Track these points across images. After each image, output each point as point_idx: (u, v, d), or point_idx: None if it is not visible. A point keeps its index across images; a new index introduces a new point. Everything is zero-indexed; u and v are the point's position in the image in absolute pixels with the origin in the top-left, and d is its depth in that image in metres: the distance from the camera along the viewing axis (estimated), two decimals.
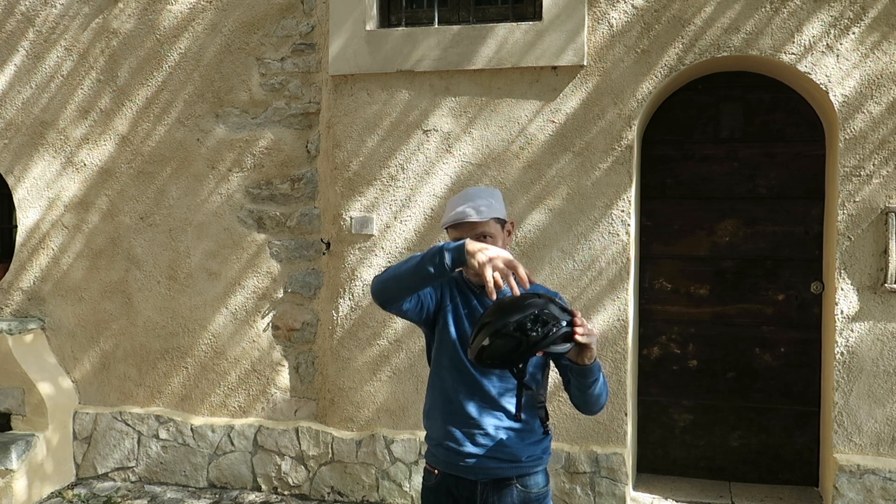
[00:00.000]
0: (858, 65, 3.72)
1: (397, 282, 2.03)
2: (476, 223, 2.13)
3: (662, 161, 4.30)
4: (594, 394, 2.07)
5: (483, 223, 2.14)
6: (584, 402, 2.11)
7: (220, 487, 4.48)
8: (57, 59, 4.66)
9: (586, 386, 2.05)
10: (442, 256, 1.91)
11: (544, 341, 1.88)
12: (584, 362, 1.97)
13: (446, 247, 1.93)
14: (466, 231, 2.12)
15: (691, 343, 4.33)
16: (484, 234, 2.13)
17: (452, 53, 4.04)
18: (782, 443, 4.24)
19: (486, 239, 2.11)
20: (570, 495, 4.00)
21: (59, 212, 4.71)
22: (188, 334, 4.56)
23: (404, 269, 2.01)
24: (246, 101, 4.44)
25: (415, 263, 1.97)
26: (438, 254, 1.92)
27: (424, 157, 4.15)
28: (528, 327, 1.86)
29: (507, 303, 1.94)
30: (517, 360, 1.93)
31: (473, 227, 2.13)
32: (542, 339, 1.87)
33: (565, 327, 1.89)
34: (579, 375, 2.03)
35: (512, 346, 1.88)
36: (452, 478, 2.14)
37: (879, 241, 3.74)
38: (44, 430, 4.46)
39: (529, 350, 1.89)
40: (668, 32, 3.88)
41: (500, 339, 1.89)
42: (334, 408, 4.34)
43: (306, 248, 4.42)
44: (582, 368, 1.99)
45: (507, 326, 1.88)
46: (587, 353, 1.94)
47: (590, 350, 1.94)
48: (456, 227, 2.16)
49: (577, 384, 2.07)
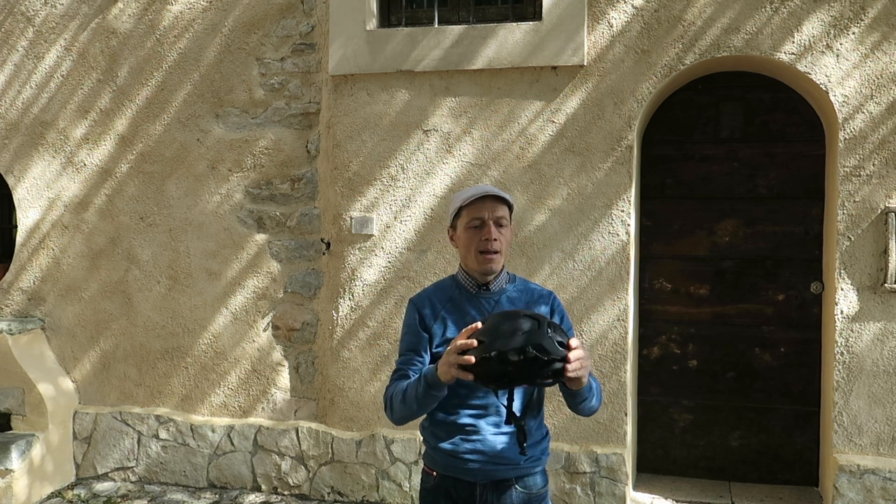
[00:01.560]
0: (858, 65, 3.72)
1: (412, 417, 2.08)
2: (499, 200, 2.12)
3: (662, 161, 4.30)
4: (586, 406, 2.09)
5: (503, 205, 2.13)
6: (578, 410, 2.12)
7: (220, 487, 4.49)
8: (57, 59, 4.66)
9: (577, 402, 2.06)
10: (430, 393, 1.97)
11: (529, 378, 1.80)
12: (573, 388, 1.94)
13: (424, 384, 1.97)
14: (488, 209, 2.10)
15: (691, 343, 4.33)
16: (501, 220, 2.12)
17: (452, 53, 4.04)
18: (782, 443, 4.24)
19: (501, 227, 2.11)
20: (570, 495, 4.00)
21: (59, 212, 4.71)
22: (188, 334, 4.56)
23: (410, 410, 2.05)
24: (246, 101, 4.44)
25: (412, 404, 2.02)
26: (425, 394, 1.98)
27: (424, 158, 4.15)
28: (513, 360, 1.75)
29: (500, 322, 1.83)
30: (503, 387, 1.85)
31: (495, 206, 2.11)
32: (527, 375, 1.79)
33: (556, 364, 1.79)
34: (569, 396, 2.04)
35: (496, 374, 1.79)
36: (451, 479, 2.14)
37: (879, 241, 3.74)
38: (44, 430, 4.46)
39: (512, 383, 1.83)
40: (668, 32, 3.88)
41: (485, 364, 1.78)
42: (334, 408, 4.34)
43: (306, 248, 4.42)
44: (571, 392, 2.00)
45: (495, 355, 1.77)
46: (576, 383, 1.90)
47: (579, 381, 1.89)
48: (477, 203, 2.11)
49: (568, 400, 2.08)
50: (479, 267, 2.13)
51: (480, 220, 2.10)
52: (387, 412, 2.12)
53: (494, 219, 2.10)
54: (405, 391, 2.04)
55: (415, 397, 2.00)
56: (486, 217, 2.10)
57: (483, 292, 2.17)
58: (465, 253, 2.16)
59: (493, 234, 2.09)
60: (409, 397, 2.02)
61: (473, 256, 2.12)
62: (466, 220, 2.12)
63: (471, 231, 2.12)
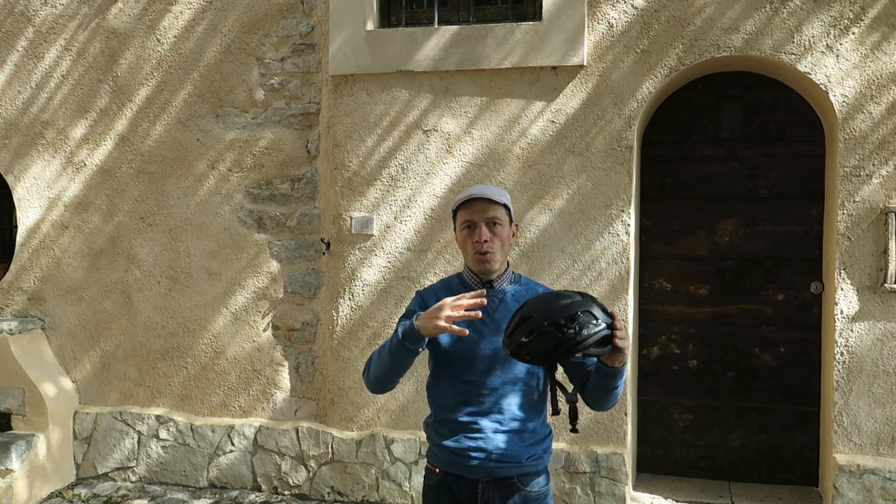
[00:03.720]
0: (858, 65, 3.72)
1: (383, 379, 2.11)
2: (490, 202, 2.14)
3: (662, 161, 4.30)
4: (616, 394, 2.08)
5: (496, 205, 2.16)
6: (602, 401, 2.10)
7: (220, 487, 4.49)
8: (56, 59, 4.66)
9: (612, 387, 2.05)
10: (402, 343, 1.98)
11: (583, 343, 1.85)
12: (615, 365, 1.97)
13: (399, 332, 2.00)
14: (478, 211, 2.14)
15: (691, 343, 4.33)
16: (494, 220, 2.14)
17: (452, 53, 4.04)
18: (782, 443, 4.24)
19: (495, 226, 2.14)
20: (570, 495, 4.00)
21: (59, 212, 4.71)
22: (188, 334, 4.56)
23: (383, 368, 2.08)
24: (246, 101, 4.44)
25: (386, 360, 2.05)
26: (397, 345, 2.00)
27: (425, 158, 4.15)
28: (568, 327, 1.83)
29: (548, 299, 1.91)
30: (556, 359, 1.90)
31: (486, 207, 2.14)
32: (582, 341, 1.84)
33: (605, 330, 1.87)
34: (607, 377, 2.02)
35: (551, 346, 1.85)
36: (454, 476, 2.15)
37: (879, 241, 3.74)
38: (44, 430, 4.46)
39: (569, 351, 1.86)
40: (667, 32, 3.88)
41: (540, 337, 1.85)
42: (334, 408, 4.34)
43: (306, 248, 4.42)
44: (611, 370, 2.00)
45: (547, 325, 1.84)
46: (620, 357, 1.95)
47: (623, 354, 1.94)
48: (468, 205, 2.16)
49: (602, 384, 2.05)
50: (476, 267, 2.18)
51: (471, 223, 2.15)
52: (364, 376, 2.18)
53: (486, 220, 2.14)
54: (382, 348, 2.09)
55: (388, 350, 2.04)
56: (477, 219, 2.14)
57: (488, 290, 2.18)
58: (464, 253, 2.22)
59: (485, 236, 2.13)
60: (384, 352, 2.06)
61: (470, 257, 2.18)
62: (460, 222, 2.18)
63: (465, 232, 2.17)
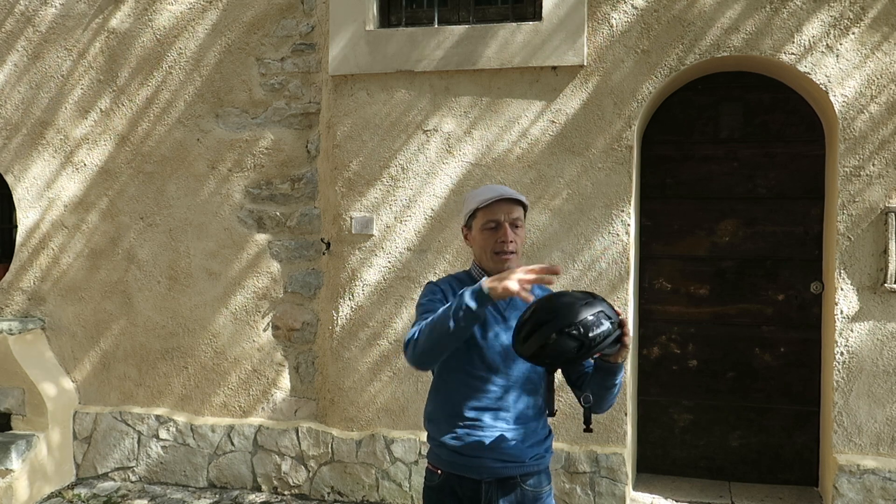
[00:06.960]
0: (859, 65, 3.72)
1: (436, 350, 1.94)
2: (514, 203, 2.14)
3: (662, 161, 4.30)
4: (615, 392, 2.10)
5: (519, 206, 2.15)
6: (601, 400, 2.10)
7: (220, 487, 4.49)
8: (56, 59, 4.66)
9: (612, 385, 2.07)
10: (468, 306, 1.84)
11: (602, 344, 1.86)
12: (618, 361, 2.01)
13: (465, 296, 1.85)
14: (504, 211, 2.12)
15: (691, 343, 4.33)
16: (517, 221, 2.13)
17: (453, 54, 4.04)
18: (782, 443, 4.24)
19: (516, 227, 2.13)
20: (570, 495, 4.00)
21: (58, 212, 4.71)
22: (188, 334, 4.56)
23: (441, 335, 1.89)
24: (246, 101, 4.44)
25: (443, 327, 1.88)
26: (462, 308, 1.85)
27: (425, 158, 4.15)
28: (591, 329, 1.84)
29: (564, 301, 1.90)
30: (575, 360, 1.90)
31: (511, 208, 2.13)
32: (601, 341, 1.86)
33: (618, 329, 1.90)
34: (609, 374, 2.05)
35: (574, 347, 1.85)
36: (456, 477, 2.14)
37: (879, 241, 3.74)
38: (44, 430, 4.46)
39: (588, 352, 1.87)
40: (668, 33, 3.88)
41: (565, 339, 1.84)
42: (334, 408, 4.34)
43: (306, 248, 4.42)
44: (613, 367, 2.02)
45: (574, 326, 1.84)
46: (623, 353, 1.98)
47: (627, 350, 1.97)
48: (493, 206, 2.12)
49: (604, 382, 2.07)
50: (495, 267, 2.14)
51: (496, 223, 2.13)
52: (407, 351, 1.98)
53: (510, 220, 2.13)
54: (436, 316, 1.91)
55: (449, 316, 1.86)
56: (502, 219, 2.12)
57: None
58: (480, 253, 2.18)
59: (510, 237, 2.12)
60: (438, 322, 1.89)
61: (489, 257, 2.14)
62: (482, 222, 2.14)
63: (487, 233, 2.14)
